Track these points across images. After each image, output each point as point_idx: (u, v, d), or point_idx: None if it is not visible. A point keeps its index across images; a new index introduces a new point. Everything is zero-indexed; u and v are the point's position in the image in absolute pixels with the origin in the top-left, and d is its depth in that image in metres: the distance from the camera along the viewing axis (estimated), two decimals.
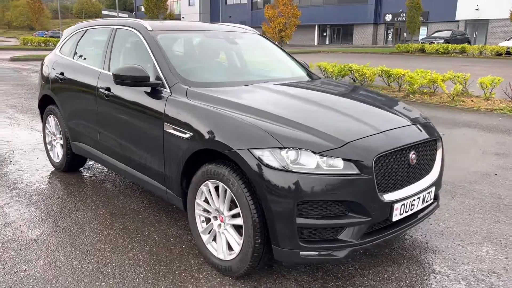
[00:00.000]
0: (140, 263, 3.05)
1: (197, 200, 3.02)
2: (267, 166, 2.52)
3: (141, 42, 3.68)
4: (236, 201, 2.70)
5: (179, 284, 2.81)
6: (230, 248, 2.87)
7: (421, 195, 2.90)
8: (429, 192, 2.99)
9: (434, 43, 33.42)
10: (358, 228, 2.61)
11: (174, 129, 3.09)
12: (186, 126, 2.99)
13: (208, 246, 3.01)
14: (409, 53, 33.45)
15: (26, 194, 4.28)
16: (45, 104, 5.04)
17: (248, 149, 2.60)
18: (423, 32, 46.09)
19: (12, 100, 9.96)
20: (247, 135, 2.66)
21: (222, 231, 2.91)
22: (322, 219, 2.54)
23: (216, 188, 2.88)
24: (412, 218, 2.95)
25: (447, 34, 35.88)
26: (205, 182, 2.91)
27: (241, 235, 2.74)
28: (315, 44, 56.66)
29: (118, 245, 3.29)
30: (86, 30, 4.66)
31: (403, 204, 2.76)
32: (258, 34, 4.65)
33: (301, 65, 4.41)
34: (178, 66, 3.44)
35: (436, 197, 3.26)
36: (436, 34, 36.90)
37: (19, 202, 4.08)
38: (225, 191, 2.79)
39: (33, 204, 4.04)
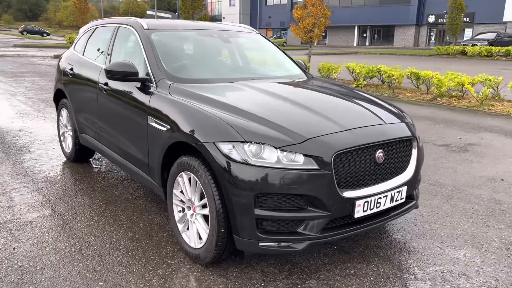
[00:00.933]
0: (120, 247, 3.23)
1: (174, 191, 3.17)
2: (230, 158, 2.63)
3: (137, 40, 3.88)
4: (204, 192, 2.83)
5: (150, 268, 2.96)
6: (200, 237, 3.00)
7: (389, 194, 2.91)
8: (399, 191, 2.99)
9: (476, 45, 32.26)
10: (317, 222, 2.67)
11: (155, 122, 3.25)
12: (165, 119, 3.15)
13: (183, 235, 3.15)
14: (450, 55, 32.44)
15: (34, 181, 4.58)
16: (59, 98, 5.36)
17: (213, 142, 2.72)
18: (468, 34, 44.60)
19: (45, 95, 10.52)
20: (214, 129, 2.78)
21: (193, 220, 3.04)
22: (281, 211, 2.62)
23: (190, 180, 3.01)
24: (381, 216, 2.98)
25: (491, 36, 34.58)
26: (180, 174, 3.05)
27: (208, 225, 2.87)
28: (355, 45, 55.95)
29: (104, 231, 3.49)
30: (96, 28, 4.93)
31: (367, 202, 2.79)
32: (258, 34, 4.77)
33: (297, 64, 4.48)
34: (167, 63, 3.61)
35: (412, 197, 3.27)
36: (479, 36, 35.65)
37: (26, 188, 4.38)
38: (196, 182, 2.93)
39: (38, 190, 4.33)
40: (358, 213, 2.77)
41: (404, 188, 3.04)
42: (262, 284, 2.81)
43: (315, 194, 2.62)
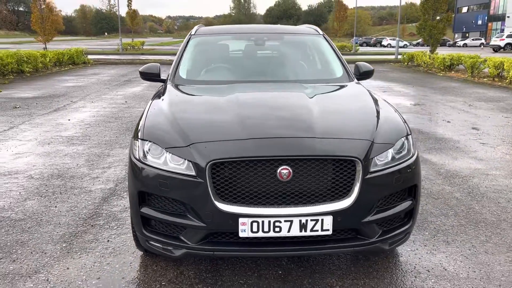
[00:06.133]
0: None
1: None
2: (133, 154, 2.78)
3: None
4: None
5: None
6: None
7: (295, 219, 2.45)
8: (316, 220, 2.46)
9: None
10: (194, 232, 2.54)
11: None
12: None
13: None
14: None
15: None
16: None
17: (132, 137, 2.92)
18: None
19: None
20: (139, 126, 2.95)
21: None
22: (164, 214, 2.60)
23: None
24: (294, 245, 2.53)
25: None
26: None
27: None
28: None
29: None
30: None
31: (256, 222, 2.44)
32: (319, 36, 4.43)
33: (345, 69, 3.98)
34: (183, 65, 3.92)
35: (363, 233, 2.59)
36: None
37: None
38: None
39: None
40: (244, 232, 2.46)
41: (327, 218, 2.47)
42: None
43: (189, 201, 2.50)
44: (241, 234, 2.47)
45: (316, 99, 3.17)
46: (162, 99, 3.25)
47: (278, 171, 2.43)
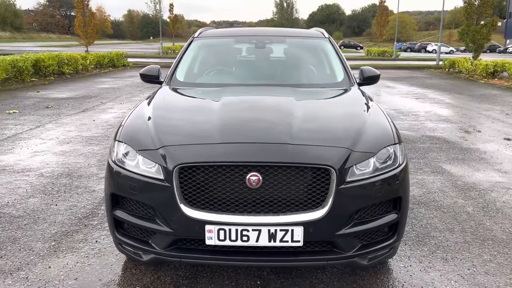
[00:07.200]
0: None
1: None
2: (110, 156, 2.75)
3: None
4: None
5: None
6: None
7: (264, 229, 2.34)
8: (285, 230, 2.34)
9: None
10: (162, 237, 2.49)
11: None
12: None
13: None
14: None
15: None
16: None
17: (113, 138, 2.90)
18: None
19: None
20: (120, 127, 2.92)
21: None
22: (136, 218, 2.57)
23: None
24: (264, 255, 2.43)
25: None
26: None
27: None
28: None
29: None
30: None
31: (223, 230, 2.35)
32: (324, 40, 4.28)
33: (347, 74, 3.81)
34: (181, 67, 3.91)
35: (339, 247, 2.45)
36: None
37: None
38: None
39: None
40: (211, 240, 2.38)
41: (298, 229, 2.35)
42: None
43: (157, 206, 2.45)
44: (207, 242, 2.39)
45: (302, 104, 3.05)
46: (149, 102, 3.23)
47: (247, 177, 2.34)
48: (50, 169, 5.26)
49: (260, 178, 2.33)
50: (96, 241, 3.41)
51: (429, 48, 64.97)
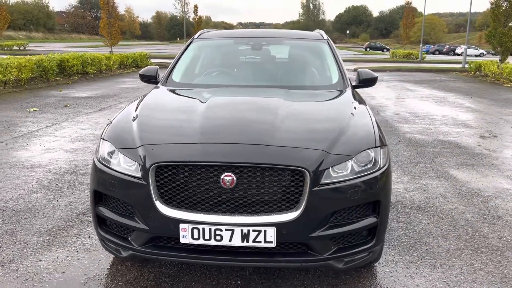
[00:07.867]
0: None
1: None
2: (95, 153, 2.84)
3: None
4: None
5: None
6: None
7: (237, 229, 2.36)
8: (258, 231, 2.35)
9: None
10: (139, 235, 2.54)
11: None
12: None
13: None
14: None
15: None
16: None
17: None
18: None
19: None
20: (108, 125, 3.01)
21: None
22: (116, 215, 2.63)
23: None
24: (238, 255, 2.45)
25: None
26: None
27: None
28: None
29: None
30: None
31: (197, 229, 2.39)
32: (323, 42, 4.26)
33: (342, 77, 3.78)
34: (178, 68, 3.97)
35: (313, 249, 2.44)
36: None
37: None
38: None
39: None
40: (185, 238, 2.41)
41: (271, 230, 2.36)
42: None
43: (134, 203, 2.51)
44: (182, 240, 2.43)
45: (288, 105, 3.05)
46: (139, 102, 3.29)
47: (222, 177, 2.36)
48: (58, 165, 5.41)
49: (234, 178, 2.35)
50: (89, 237, 3.50)
51: (458, 50, 63.44)
